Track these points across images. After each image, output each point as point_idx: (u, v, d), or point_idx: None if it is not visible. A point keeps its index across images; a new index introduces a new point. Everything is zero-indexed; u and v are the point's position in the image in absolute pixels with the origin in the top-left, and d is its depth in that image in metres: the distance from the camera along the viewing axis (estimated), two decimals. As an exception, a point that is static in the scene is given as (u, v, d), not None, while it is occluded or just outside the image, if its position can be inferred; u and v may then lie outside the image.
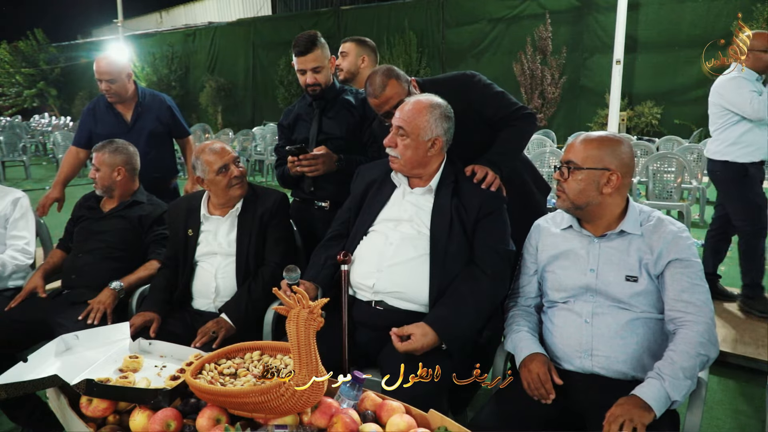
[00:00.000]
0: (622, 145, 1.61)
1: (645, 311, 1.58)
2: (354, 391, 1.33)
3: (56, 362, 1.54)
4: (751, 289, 3.37)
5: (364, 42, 2.83)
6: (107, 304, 2.17)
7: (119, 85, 2.98)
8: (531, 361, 1.59)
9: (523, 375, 1.59)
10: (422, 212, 1.88)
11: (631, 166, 1.62)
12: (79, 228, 2.49)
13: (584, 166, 1.59)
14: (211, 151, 2.16)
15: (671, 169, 5.47)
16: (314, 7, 19.17)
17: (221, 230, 2.21)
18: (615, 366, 1.56)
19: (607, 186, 1.59)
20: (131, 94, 3.07)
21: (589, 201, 1.61)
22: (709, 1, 11.25)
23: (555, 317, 1.70)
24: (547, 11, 12.64)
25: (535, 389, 1.55)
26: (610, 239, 1.63)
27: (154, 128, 3.09)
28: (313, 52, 2.33)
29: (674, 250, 1.56)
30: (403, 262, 1.82)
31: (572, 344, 1.62)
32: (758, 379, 2.76)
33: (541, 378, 1.54)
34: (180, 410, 1.30)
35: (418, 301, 1.80)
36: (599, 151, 1.59)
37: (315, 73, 2.35)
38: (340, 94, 2.48)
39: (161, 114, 3.13)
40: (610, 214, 1.63)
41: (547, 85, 12.42)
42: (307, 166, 2.27)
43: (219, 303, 2.16)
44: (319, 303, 1.18)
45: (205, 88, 18.39)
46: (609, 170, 1.58)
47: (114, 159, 2.45)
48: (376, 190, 2.00)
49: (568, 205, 1.64)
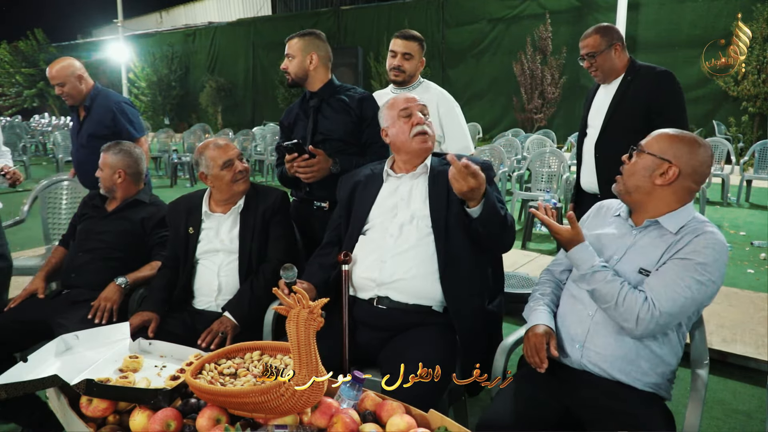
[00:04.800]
0: (699, 147, 1.53)
1: None
2: (354, 391, 1.33)
3: (56, 362, 1.54)
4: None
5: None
6: (113, 300, 2.18)
7: (69, 87, 3.12)
8: (532, 330, 1.65)
9: (524, 341, 1.67)
10: (417, 191, 1.91)
11: (699, 172, 1.53)
12: (82, 226, 2.49)
13: (647, 150, 1.55)
14: (216, 147, 2.17)
15: (671, 169, 5.46)
16: (314, 7, 19.18)
17: (223, 227, 2.21)
18: (603, 364, 1.56)
19: (661, 177, 1.53)
20: (85, 95, 3.17)
21: (639, 186, 1.56)
22: (709, 1, 11.26)
23: (562, 302, 1.73)
24: (547, 11, 12.65)
25: (530, 356, 1.61)
26: (647, 231, 1.59)
27: (95, 131, 3.13)
28: (291, 40, 2.45)
29: (690, 250, 1.47)
30: (407, 249, 1.83)
31: (570, 333, 1.64)
32: (758, 379, 2.76)
33: (537, 346, 1.59)
34: (180, 410, 1.30)
35: (427, 286, 1.81)
36: (670, 144, 1.54)
37: (289, 59, 2.44)
38: (336, 93, 2.47)
39: (103, 117, 3.16)
40: (655, 209, 1.57)
41: (547, 85, 12.43)
42: (302, 172, 2.27)
43: (221, 301, 2.16)
44: (319, 303, 1.18)
45: (205, 88, 18.41)
46: (669, 162, 1.52)
47: (116, 161, 2.45)
48: (362, 189, 2.02)
49: (620, 188, 1.61)
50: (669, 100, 2.62)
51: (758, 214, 6.77)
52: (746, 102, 10.78)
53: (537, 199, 5.59)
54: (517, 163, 7.71)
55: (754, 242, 5.39)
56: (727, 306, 3.48)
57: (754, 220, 6.49)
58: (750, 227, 6.05)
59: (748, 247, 5.28)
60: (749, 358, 2.87)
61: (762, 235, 5.61)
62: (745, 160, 7.53)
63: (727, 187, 7.26)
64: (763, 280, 4.31)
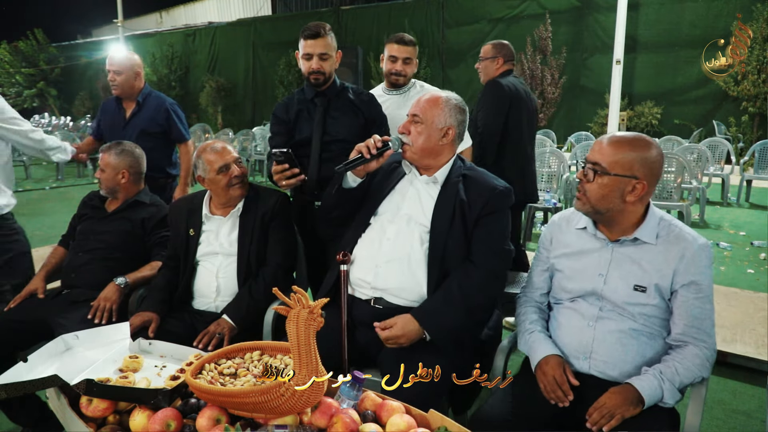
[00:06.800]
0: (652, 150, 1.52)
1: (649, 323, 1.57)
2: (354, 391, 1.33)
3: (56, 362, 1.54)
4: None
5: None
6: (113, 300, 2.17)
7: (123, 78, 3.21)
8: (546, 363, 1.58)
9: (539, 377, 1.58)
10: (425, 203, 1.87)
11: (658, 175, 1.54)
12: (82, 226, 2.49)
13: (611, 172, 1.51)
14: (213, 151, 2.17)
15: (671, 169, 5.47)
16: (314, 7, 19.17)
17: (223, 230, 2.21)
18: (611, 371, 1.57)
19: (632, 194, 1.52)
20: (136, 91, 3.27)
21: (611, 207, 1.55)
22: (709, 1, 11.25)
23: (560, 315, 1.70)
24: (547, 11, 12.64)
25: (551, 391, 1.54)
26: (624, 245, 1.59)
27: (147, 127, 3.24)
28: (323, 38, 2.31)
29: (692, 271, 1.51)
30: (400, 258, 1.81)
31: (573, 345, 1.62)
32: (758, 379, 2.76)
33: (558, 380, 1.54)
34: (180, 410, 1.30)
35: (416, 297, 1.80)
36: (629, 155, 1.50)
37: (321, 60, 2.33)
38: (342, 92, 2.45)
39: (157, 115, 3.29)
40: (627, 221, 1.58)
41: (547, 85, 12.42)
42: (286, 184, 2.21)
43: (220, 302, 2.16)
44: (319, 303, 1.18)
45: (205, 88, 18.39)
46: (636, 178, 1.50)
47: (119, 161, 2.45)
48: (383, 177, 1.99)
49: (587, 209, 1.59)
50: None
51: (758, 214, 6.77)
52: (746, 102, 10.78)
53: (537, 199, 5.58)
54: (517, 163, 7.69)
55: (754, 242, 5.39)
56: (727, 306, 3.48)
57: (754, 220, 6.48)
58: (750, 227, 6.05)
59: (748, 247, 5.28)
60: (749, 358, 2.87)
61: (762, 235, 5.61)
62: (745, 160, 7.52)
63: (727, 187, 7.26)
64: (763, 280, 4.31)
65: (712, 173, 7.47)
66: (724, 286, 4.02)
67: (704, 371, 1.51)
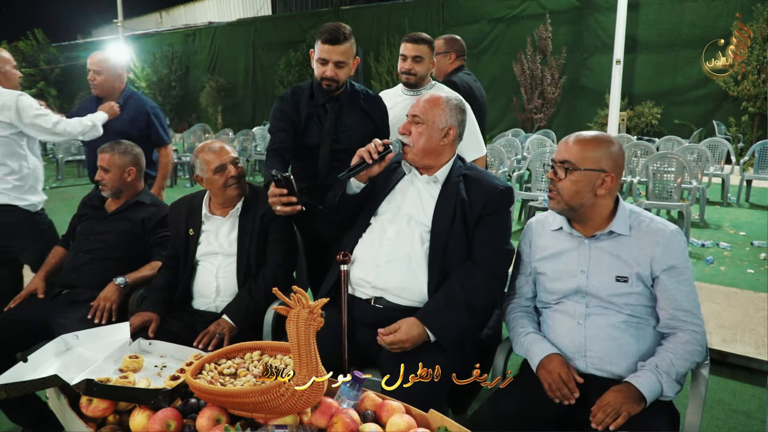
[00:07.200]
0: (615, 145, 1.61)
1: (636, 312, 1.59)
2: (354, 391, 1.33)
3: (56, 362, 1.54)
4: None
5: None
6: (113, 300, 2.17)
7: (103, 79, 3.18)
8: (549, 362, 1.59)
9: (542, 377, 1.59)
10: (426, 203, 1.87)
11: (622, 167, 1.63)
12: (82, 226, 2.49)
13: (581, 167, 1.58)
14: (210, 150, 2.17)
15: (671, 169, 5.48)
16: (314, 7, 19.18)
17: (222, 230, 2.21)
18: (608, 367, 1.58)
19: (602, 187, 1.59)
20: (117, 92, 3.24)
21: (584, 202, 1.60)
22: (709, 1, 11.24)
23: (549, 319, 1.71)
24: (547, 11, 12.64)
25: (557, 389, 1.54)
26: (600, 240, 1.64)
27: (124, 130, 3.14)
28: (344, 44, 2.18)
29: (669, 255, 1.56)
30: (401, 258, 1.81)
31: (566, 345, 1.63)
32: (758, 379, 2.76)
33: (564, 378, 1.55)
34: (180, 410, 1.30)
35: (416, 297, 1.80)
36: (596, 152, 1.58)
37: (337, 67, 2.20)
38: (354, 98, 2.36)
39: (137, 118, 3.24)
40: (600, 215, 1.64)
41: (547, 85, 12.43)
42: (281, 210, 1.95)
43: (219, 302, 2.16)
44: (319, 303, 1.19)
45: (205, 88, 18.39)
46: (605, 172, 1.58)
47: (124, 159, 2.44)
48: (383, 177, 1.97)
49: (562, 207, 1.64)
50: None
51: (758, 214, 6.76)
52: (746, 102, 10.77)
53: (537, 199, 5.60)
54: (517, 163, 7.71)
55: (754, 242, 5.38)
56: (727, 306, 3.48)
57: (754, 220, 6.48)
58: (750, 227, 6.05)
59: (748, 247, 5.28)
60: (749, 358, 2.87)
61: (762, 235, 5.60)
62: (745, 160, 7.52)
63: (727, 187, 7.26)
64: (763, 280, 4.31)
65: (712, 173, 7.47)
66: (724, 286, 4.01)
67: (698, 356, 1.54)
